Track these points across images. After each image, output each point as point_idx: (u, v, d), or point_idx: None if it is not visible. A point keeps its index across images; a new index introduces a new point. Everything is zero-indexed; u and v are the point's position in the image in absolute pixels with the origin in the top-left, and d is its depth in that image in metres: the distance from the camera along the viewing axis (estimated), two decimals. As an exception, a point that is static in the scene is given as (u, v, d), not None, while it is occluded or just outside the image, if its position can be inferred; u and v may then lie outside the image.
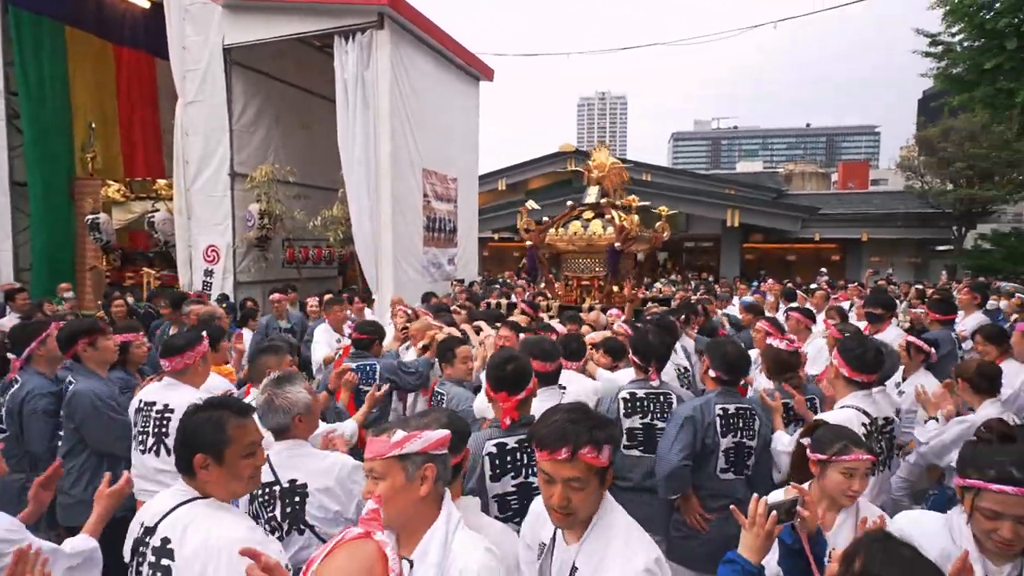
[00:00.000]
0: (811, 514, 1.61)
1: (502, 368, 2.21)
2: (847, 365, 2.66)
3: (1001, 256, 15.55)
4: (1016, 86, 13.44)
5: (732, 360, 2.81)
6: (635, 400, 2.94)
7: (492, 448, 2.16)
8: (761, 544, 1.53)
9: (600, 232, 6.27)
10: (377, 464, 1.48)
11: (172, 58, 9.31)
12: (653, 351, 2.97)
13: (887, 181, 32.51)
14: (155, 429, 2.75)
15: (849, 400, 2.65)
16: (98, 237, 10.79)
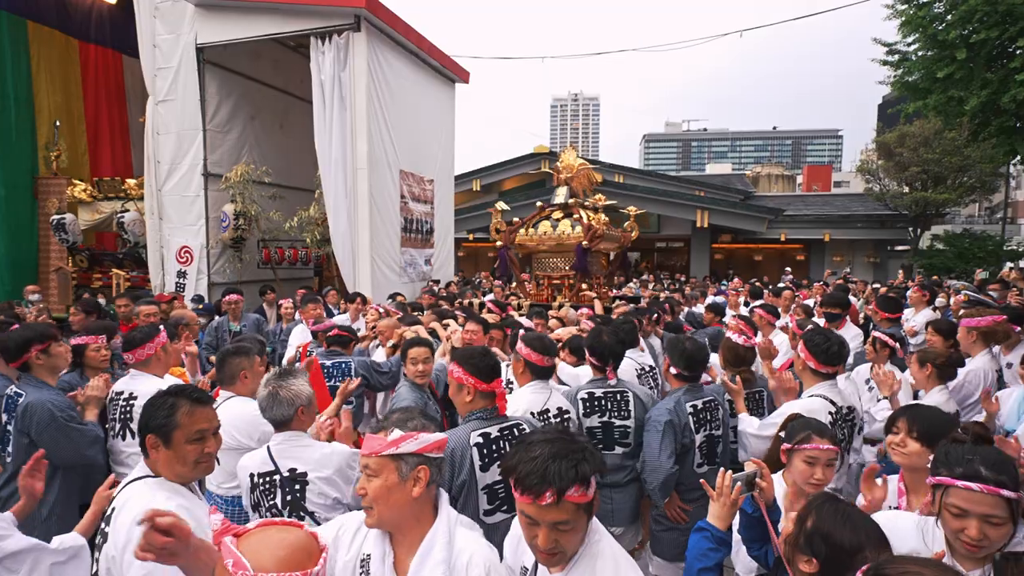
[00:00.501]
0: (768, 485, 1.78)
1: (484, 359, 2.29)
2: (814, 358, 2.80)
3: (953, 255, 16.34)
4: (966, 95, 14.16)
5: (691, 356, 2.90)
6: (593, 400, 2.97)
7: (478, 439, 2.19)
8: (727, 512, 1.70)
9: (569, 232, 6.38)
10: (372, 461, 1.50)
11: (142, 56, 9.18)
12: (609, 351, 2.98)
13: (849, 183, 33.70)
14: (121, 416, 2.96)
15: (816, 390, 2.81)
16: (64, 238, 10.55)
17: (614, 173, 22.13)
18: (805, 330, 3.31)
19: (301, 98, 10.88)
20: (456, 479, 2.14)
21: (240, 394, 2.80)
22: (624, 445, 2.93)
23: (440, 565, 1.45)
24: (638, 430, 2.92)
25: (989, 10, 13.07)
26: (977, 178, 15.83)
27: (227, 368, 2.85)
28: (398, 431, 1.52)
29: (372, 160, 8.42)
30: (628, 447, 2.93)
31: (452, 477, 2.14)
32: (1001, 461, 1.48)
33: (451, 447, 2.11)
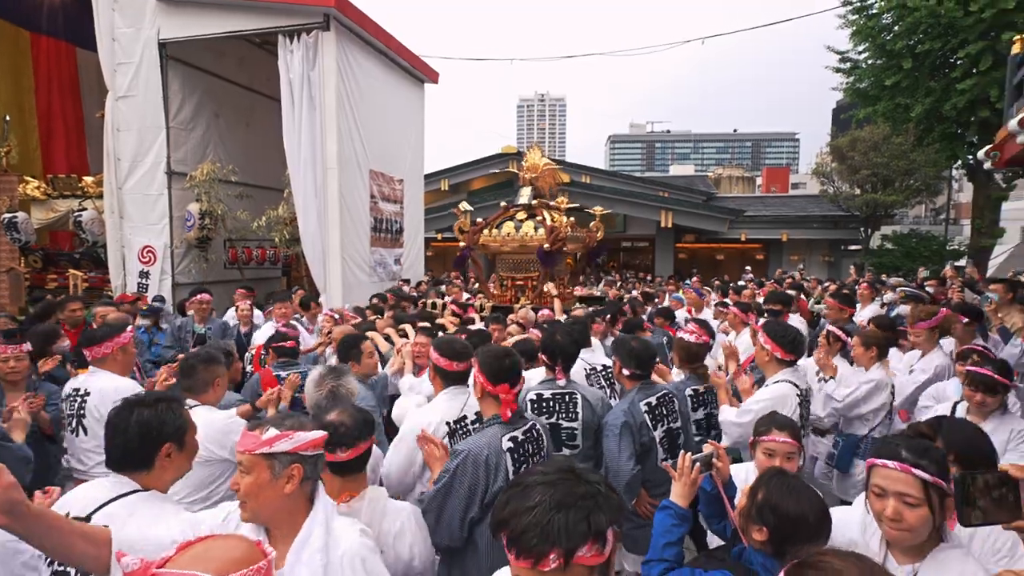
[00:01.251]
0: (724, 465, 1.93)
1: (501, 361, 2.24)
2: (780, 347, 3.00)
3: (901, 254, 17.21)
4: (911, 102, 14.98)
5: (639, 354, 2.95)
6: (542, 401, 2.93)
7: (508, 443, 2.15)
8: (688, 491, 1.83)
9: (532, 233, 6.26)
10: (245, 458, 1.51)
11: (101, 51, 8.89)
12: (560, 350, 2.95)
13: (806, 185, 34.90)
14: (77, 412, 2.98)
15: (782, 375, 3.01)
16: (16, 237, 10.13)
17: (581, 174, 22.44)
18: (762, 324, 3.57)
19: (268, 96, 10.73)
20: (492, 486, 2.07)
21: (207, 403, 2.72)
22: (571, 447, 2.91)
23: (317, 554, 1.47)
24: (586, 432, 2.92)
25: (933, 22, 13.88)
26: (922, 181, 16.71)
27: (199, 375, 2.72)
28: (273, 430, 1.52)
29: (342, 160, 8.39)
30: (576, 449, 2.90)
31: (487, 483, 2.08)
32: (925, 449, 1.52)
33: (485, 453, 2.09)
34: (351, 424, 1.87)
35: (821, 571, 1.06)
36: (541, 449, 2.29)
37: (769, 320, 3.58)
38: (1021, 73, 6.20)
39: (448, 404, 2.62)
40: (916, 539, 1.49)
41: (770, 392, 2.96)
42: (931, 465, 1.48)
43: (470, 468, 2.08)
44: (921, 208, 34.69)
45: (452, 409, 2.60)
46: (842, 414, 3.74)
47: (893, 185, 16.81)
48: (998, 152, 6.57)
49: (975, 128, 14.21)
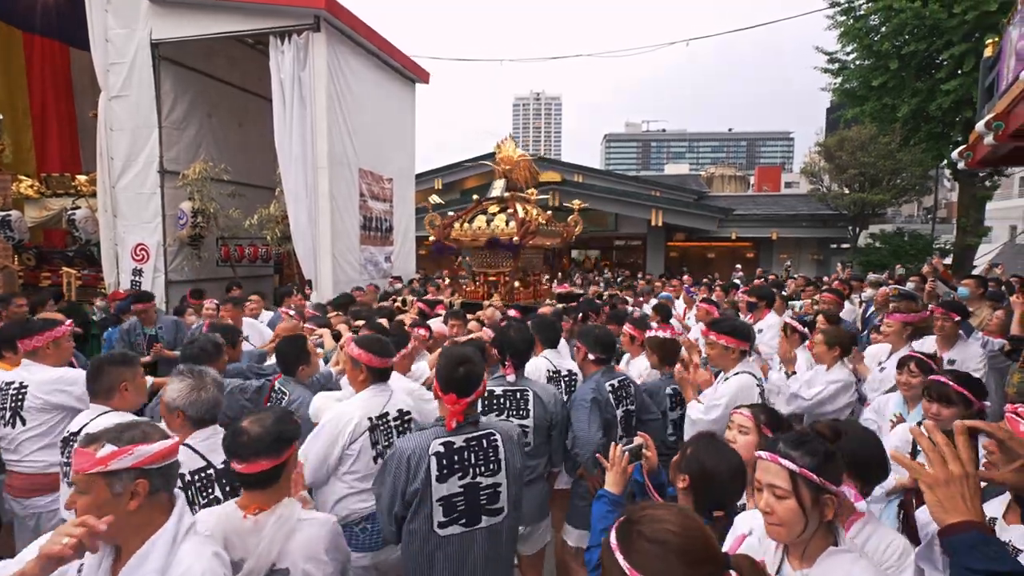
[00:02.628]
0: (652, 455, 2.07)
1: (454, 368, 2.13)
2: (733, 338, 3.11)
3: (888, 253, 17.42)
4: (898, 102, 15.18)
5: (603, 340, 3.14)
6: (493, 398, 2.90)
7: (439, 447, 2.10)
8: (620, 479, 1.94)
9: (503, 227, 6.04)
10: (80, 479, 1.40)
11: (94, 51, 9.00)
12: (510, 346, 2.94)
13: (799, 184, 35.15)
14: (11, 404, 3.05)
15: (740, 367, 3.10)
16: (9, 235, 10.22)
17: (574, 173, 22.59)
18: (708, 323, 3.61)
19: (260, 95, 10.84)
20: (410, 486, 2.08)
21: (118, 409, 2.58)
22: (526, 444, 2.86)
23: (151, 575, 1.39)
24: (538, 429, 2.92)
25: (918, 24, 14.08)
26: (909, 180, 16.91)
27: (103, 379, 2.58)
28: (110, 446, 1.42)
29: (332, 159, 8.52)
30: (528, 447, 2.86)
31: (406, 483, 2.08)
32: (803, 443, 1.46)
33: (407, 453, 2.09)
34: (255, 436, 1.74)
35: (645, 523, 1.08)
36: (490, 460, 2.19)
37: (714, 320, 3.62)
38: (992, 76, 6.38)
39: (371, 400, 2.61)
40: (789, 535, 1.43)
41: (734, 384, 3.04)
42: (804, 457, 1.42)
43: (394, 465, 2.11)
44: (913, 207, 35.08)
45: (374, 405, 2.61)
46: (806, 411, 3.72)
47: (880, 184, 17.02)
48: (971, 152, 6.76)
49: (960, 128, 14.41)
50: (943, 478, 1.11)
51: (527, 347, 3.05)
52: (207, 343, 3.30)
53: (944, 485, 1.11)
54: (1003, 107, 5.20)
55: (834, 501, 1.42)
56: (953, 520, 1.09)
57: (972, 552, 1.05)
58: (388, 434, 2.63)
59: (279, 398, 3.12)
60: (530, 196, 6.33)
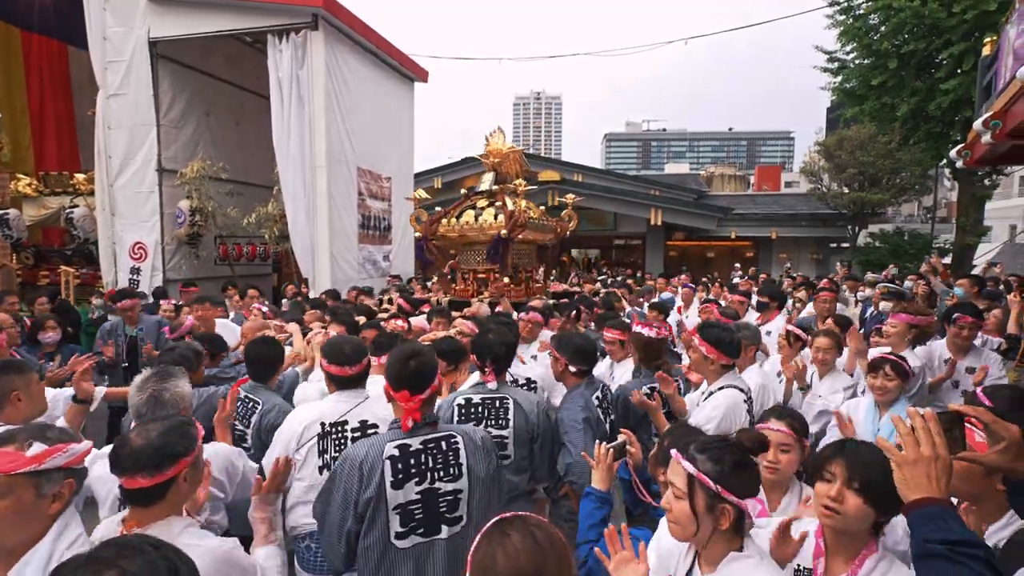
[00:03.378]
0: (636, 451, 2.08)
1: (404, 364, 1.98)
2: (721, 353, 2.79)
3: (887, 252, 17.42)
4: (897, 102, 15.17)
5: (583, 349, 2.87)
6: (470, 407, 2.65)
7: (393, 450, 1.93)
8: (607, 476, 1.93)
9: (491, 221, 5.74)
10: (2, 480, 1.30)
11: (92, 49, 9.00)
12: (488, 350, 2.69)
13: (799, 183, 35.13)
14: None
15: (724, 381, 2.82)
16: (8, 234, 10.24)
17: (573, 172, 22.58)
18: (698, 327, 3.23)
19: (257, 94, 10.84)
20: (363, 494, 1.90)
21: (10, 421, 2.29)
22: (502, 457, 2.59)
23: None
24: (519, 440, 2.67)
25: (917, 23, 14.07)
26: (908, 180, 16.91)
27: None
28: (39, 444, 1.35)
29: (330, 157, 8.53)
30: (507, 460, 2.63)
31: (359, 491, 1.90)
32: (712, 449, 1.43)
33: (359, 459, 1.92)
34: (136, 449, 1.52)
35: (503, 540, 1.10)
36: (450, 464, 2.03)
37: (705, 323, 3.28)
38: (990, 75, 6.37)
39: (332, 405, 2.45)
40: (682, 534, 1.44)
41: (721, 401, 2.77)
42: (706, 463, 1.40)
43: (345, 472, 1.93)
44: (913, 206, 35.09)
45: (333, 411, 2.42)
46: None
47: (880, 184, 17.01)
48: (969, 151, 6.76)
49: (959, 127, 14.40)
50: (912, 458, 1.16)
51: (508, 350, 2.77)
52: (188, 351, 3.10)
53: (912, 464, 1.16)
54: (1000, 106, 5.20)
55: (730, 511, 1.37)
56: (916, 496, 1.14)
57: (929, 524, 1.11)
58: (340, 444, 2.40)
59: (251, 407, 2.87)
60: (519, 188, 6.00)
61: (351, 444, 2.29)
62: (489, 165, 6.14)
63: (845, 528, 1.48)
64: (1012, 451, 1.20)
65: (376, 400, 2.45)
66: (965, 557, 1.04)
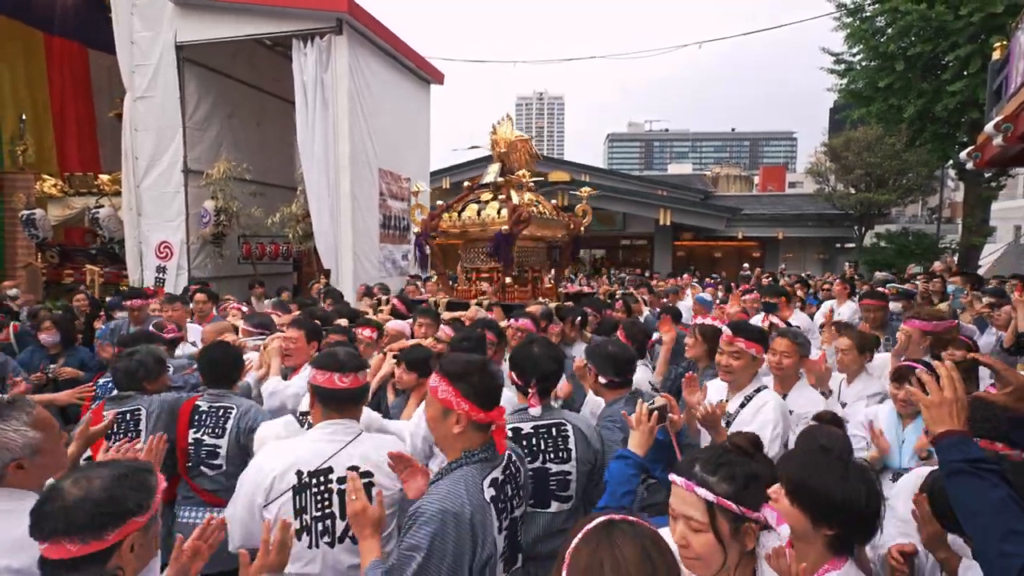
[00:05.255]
0: (678, 417, 2.01)
1: (487, 375, 1.66)
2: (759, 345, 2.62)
3: (894, 252, 17.60)
4: (904, 103, 15.33)
5: (617, 358, 2.52)
6: (520, 439, 2.12)
7: (491, 491, 1.62)
8: (646, 440, 1.85)
9: (495, 216, 5.25)
10: None
11: (120, 52, 9.21)
12: (535, 367, 2.15)
13: (802, 184, 35.28)
14: None
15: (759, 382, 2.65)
16: (34, 233, 10.47)
17: (581, 172, 22.78)
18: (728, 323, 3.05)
19: (277, 96, 11.06)
20: (481, 554, 1.52)
21: None
22: (563, 499, 2.11)
23: None
24: (581, 477, 2.15)
25: (924, 25, 14.26)
26: (914, 181, 17.10)
27: None
28: None
29: (353, 159, 8.72)
30: (569, 501, 2.12)
31: (473, 554, 1.50)
32: (722, 464, 1.32)
33: (467, 513, 1.49)
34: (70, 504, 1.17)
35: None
36: (519, 488, 1.77)
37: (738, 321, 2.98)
38: (1001, 78, 6.55)
39: (313, 445, 1.88)
40: (707, 570, 1.28)
41: (772, 410, 2.50)
42: (722, 484, 1.28)
43: (451, 537, 1.45)
44: (918, 207, 35.26)
45: (315, 453, 1.85)
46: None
47: (886, 184, 17.20)
48: (979, 153, 6.93)
49: (965, 129, 14.57)
50: (937, 400, 1.39)
51: (557, 366, 2.24)
52: (148, 357, 2.76)
53: (937, 406, 1.39)
54: (1012, 109, 5.37)
55: (755, 528, 1.28)
56: (941, 430, 1.37)
57: (952, 449, 1.32)
58: (325, 502, 1.81)
59: (221, 415, 2.56)
60: (524, 179, 5.48)
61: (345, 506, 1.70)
62: (496, 155, 5.64)
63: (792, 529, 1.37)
64: (1017, 394, 1.44)
65: (368, 439, 1.96)
66: (984, 471, 1.25)
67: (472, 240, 5.65)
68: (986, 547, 1.21)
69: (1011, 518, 1.19)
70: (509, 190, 5.36)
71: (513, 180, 5.42)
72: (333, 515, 1.83)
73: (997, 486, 1.24)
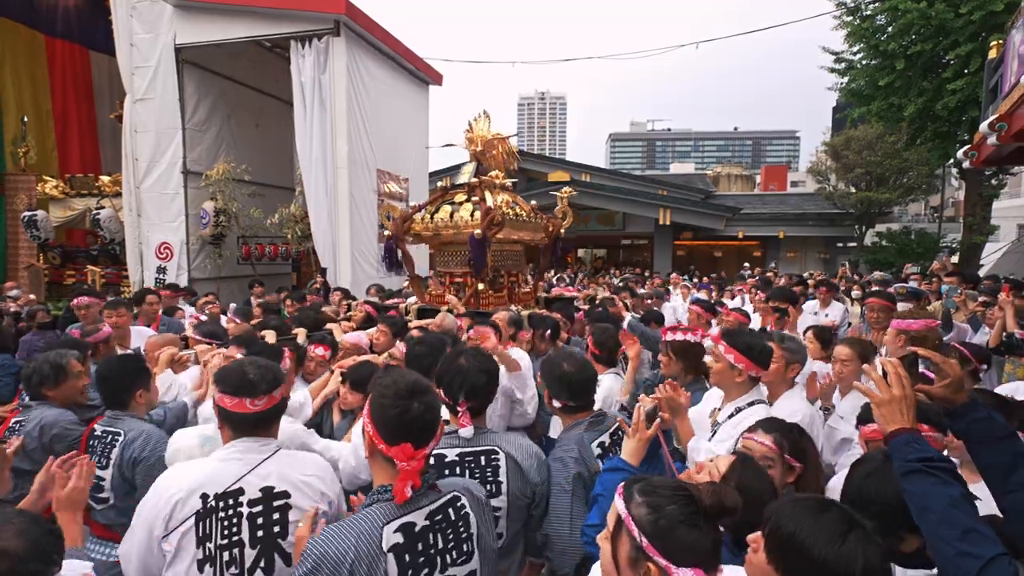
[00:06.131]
0: (667, 415, 2.01)
1: (405, 404, 1.39)
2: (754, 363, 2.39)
3: (895, 251, 17.57)
4: (904, 102, 15.31)
5: (571, 379, 2.17)
6: (443, 467, 1.85)
7: (397, 537, 1.36)
8: (642, 448, 1.80)
9: (468, 218, 5.02)
10: None
11: (119, 55, 9.28)
12: (463, 381, 1.89)
13: (805, 183, 35.22)
14: None
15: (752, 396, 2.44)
16: (35, 235, 10.55)
17: (580, 172, 22.78)
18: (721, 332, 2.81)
19: (276, 97, 11.13)
20: None
21: None
22: (496, 537, 1.79)
23: None
24: (513, 511, 1.92)
25: (924, 24, 14.25)
26: (916, 179, 17.07)
27: None
28: None
29: (351, 160, 8.76)
30: (501, 539, 1.88)
31: None
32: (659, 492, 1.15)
33: (347, 559, 1.30)
34: None
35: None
36: (461, 539, 1.48)
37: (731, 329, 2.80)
38: (996, 77, 6.55)
39: (222, 465, 1.64)
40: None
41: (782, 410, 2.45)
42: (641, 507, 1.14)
43: None
44: (920, 205, 35.18)
45: (223, 474, 1.61)
46: None
47: (887, 183, 17.16)
48: (976, 152, 6.93)
49: (966, 127, 14.54)
50: (887, 398, 1.42)
51: (490, 380, 1.96)
52: (44, 365, 2.54)
53: (887, 404, 1.42)
54: (1006, 109, 5.38)
55: (655, 574, 1.08)
56: (893, 428, 1.39)
57: (906, 447, 1.34)
58: (232, 528, 1.58)
59: (109, 443, 2.25)
60: (497, 179, 5.23)
61: (255, 532, 1.57)
62: (472, 154, 5.35)
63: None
64: (954, 385, 1.49)
65: (286, 456, 1.72)
66: (937, 470, 1.28)
67: (445, 243, 5.36)
68: (944, 546, 1.22)
69: (965, 516, 1.21)
70: (483, 191, 5.07)
71: (487, 181, 5.13)
72: (242, 543, 1.59)
73: (950, 484, 1.25)
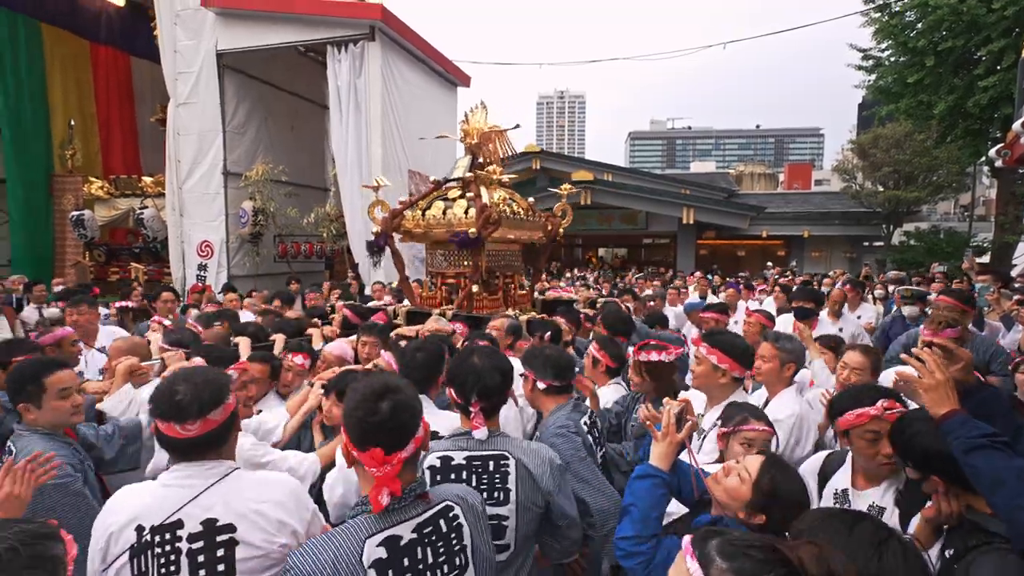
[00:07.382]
0: (693, 418, 1.80)
1: (371, 406, 1.32)
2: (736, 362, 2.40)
3: (923, 251, 17.32)
4: (934, 99, 15.13)
5: (555, 360, 2.27)
6: (449, 471, 1.76)
7: (378, 550, 1.29)
8: (672, 451, 1.67)
9: (461, 216, 4.69)
10: None
11: (163, 61, 9.68)
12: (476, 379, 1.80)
13: (829, 182, 34.77)
14: None
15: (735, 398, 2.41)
16: (82, 233, 11.04)
17: (604, 172, 22.83)
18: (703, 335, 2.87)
19: (309, 100, 11.47)
20: None
21: None
22: (501, 548, 1.73)
23: None
24: (523, 522, 1.77)
25: (955, 20, 14.09)
26: (945, 178, 16.81)
27: None
28: None
29: (386, 162, 9.04)
30: (505, 552, 1.75)
31: None
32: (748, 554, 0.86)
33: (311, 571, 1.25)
34: None
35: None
36: (454, 553, 1.40)
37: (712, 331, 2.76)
38: (1031, 76, 6.53)
39: (161, 492, 1.45)
40: None
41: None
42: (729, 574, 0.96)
43: None
44: (950, 204, 34.48)
45: (160, 504, 1.41)
46: None
47: (915, 182, 16.93)
48: (1008, 151, 6.91)
49: (999, 124, 14.32)
50: (933, 384, 1.52)
51: (504, 379, 1.86)
52: None
53: (935, 388, 1.51)
54: (1041, 107, 5.39)
55: None
56: (943, 411, 1.48)
57: (963, 427, 1.43)
58: (170, 567, 1.38)
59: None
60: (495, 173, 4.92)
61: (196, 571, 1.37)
62: (467, 147, 4.98)
63: None
64: (966, 368, 1.62)
65: (237, 481, 1.48)
66: (1001, 444, 1.40)
67: (437, 242, 5.00)
68: (1016, 512, 1.32)
69: None
70: (479, 187, 4.72)
71: (483, 176, 4.78)
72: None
73: (1015, 457, 1.37)
